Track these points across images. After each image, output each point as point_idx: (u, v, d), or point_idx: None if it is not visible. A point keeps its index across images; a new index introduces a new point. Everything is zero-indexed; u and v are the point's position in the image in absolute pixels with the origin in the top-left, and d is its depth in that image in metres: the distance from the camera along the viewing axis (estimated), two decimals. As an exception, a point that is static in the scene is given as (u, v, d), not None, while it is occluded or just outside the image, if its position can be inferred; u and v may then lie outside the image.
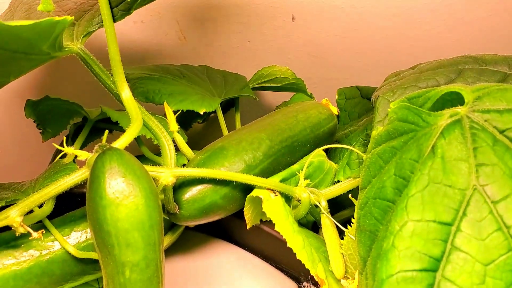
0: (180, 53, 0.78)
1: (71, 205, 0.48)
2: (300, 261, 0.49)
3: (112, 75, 0.44)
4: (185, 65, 0.68)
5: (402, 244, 0.29)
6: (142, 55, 0.77)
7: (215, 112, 0.72)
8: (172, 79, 0.61)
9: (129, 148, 0.40)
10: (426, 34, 0.73)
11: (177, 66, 0.67)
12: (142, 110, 0.46)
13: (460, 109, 0.33)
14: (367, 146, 0.45)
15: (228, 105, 0.73)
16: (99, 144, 0.39)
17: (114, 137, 0.42)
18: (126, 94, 0.43)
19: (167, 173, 0.42)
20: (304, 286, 0.50)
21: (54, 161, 0.52)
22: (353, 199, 0.45)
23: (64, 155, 0.51)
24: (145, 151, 0.59)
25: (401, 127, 0.35)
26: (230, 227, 0.54)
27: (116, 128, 0.57)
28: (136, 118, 0.43)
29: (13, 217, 0.38)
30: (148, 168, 0.40)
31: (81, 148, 0.56)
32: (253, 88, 0.69)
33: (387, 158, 0.36)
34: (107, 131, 0.41)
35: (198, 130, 0.83)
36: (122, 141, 0.40)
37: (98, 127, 0.59)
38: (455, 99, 0.36)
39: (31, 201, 0.39)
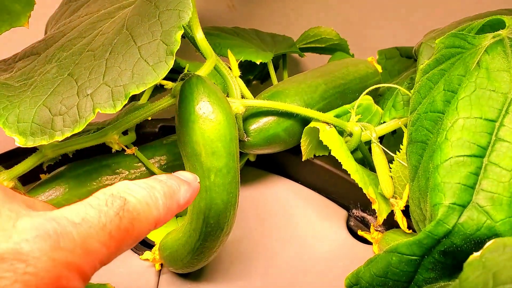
0: (228, 20, 0.84)
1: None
2: (349, 191, 0.55)
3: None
4: (237, 27, 0.74)
5: (454, 136, 0.35)
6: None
7: (259, 79, 0.78)
8: (228, 36, 0.67)
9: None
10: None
11: (230, 27, 0.73)
12: (212, 52, 0.52)
13: (502, 32, 0.39)
14: (411, 89, 0.51)
15: (274, 67, 0.79)
16: (183, 73, 0.45)
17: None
18: (200, 35, 0.49)
19: (238, 103, 0.48)
20: (353, 213, 0.56)
21: (129, 104, 0.58)
22: (402, 127, 0.51)
23: (136, 99, 0.58)
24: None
25: (449, 52, 0.41)
26: (286, 163, 0.60)
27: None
28: (210, 55, 0.49)
29: (111, 134, 0.45)
30: (223, 97, 0.46)
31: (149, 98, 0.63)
32: (300, 49, 0.75)
33: (436, 80, 0.41)
34: (188, 65, 0.47)
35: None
36: (202, 71, 0.46)
37: (167, 76, 0.65)
38: (495, 29, 0.42)
39: (127, 121, 0.45)
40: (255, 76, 0.75)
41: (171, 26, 0.37)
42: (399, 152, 0.49)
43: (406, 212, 0.48)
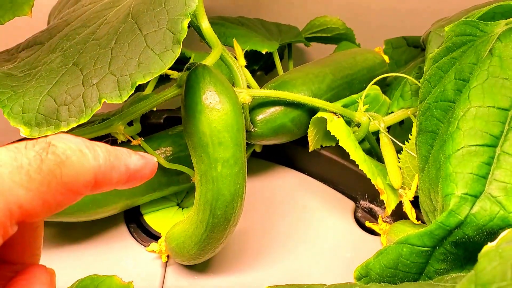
0: (233, 9, 0.84)
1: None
2: (357, 182, 0.54)
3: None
4: (242, 17, 0.74)
5: (466, 125, 0.34)
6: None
7: (263, 70, 0.77)
8: (233, 25, 0.66)
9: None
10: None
11: (234, 17, 0.72)
12: (218, 42, 0.51)
13: (515, 19, 0.38)
14: (419, 79, 0.50)
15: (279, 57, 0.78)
16: (189, 62, 0.45)
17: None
18: (205, 24, 0.49)
19: (244, 93, 0.48)
20: (360, 204, 0.55)
21: (134, 94, 0.58)
22: (411, 116, 0.50)
23: (141, 89, 0.58)
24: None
25: (460, 40, 0.40)
26: (292, 154, 0.59)
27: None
28: (216, 45, 0.48)
29: (117, 125, 0.45)
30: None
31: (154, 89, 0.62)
32: (305, 38, 0.74)
33: (446, 68, 0.40)
34: (193, 54, 0.47)
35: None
36: (208, 61, 0.46)
37: (172, 66, 0.64)
38: (506, 16, 0.41)
39: (132, 112, 0.45)
40: (260, 67, 0.74)
41: (178, 14, 0.37)
42: (407, 142, 0.48)
43: (414, 202, 0.47)
